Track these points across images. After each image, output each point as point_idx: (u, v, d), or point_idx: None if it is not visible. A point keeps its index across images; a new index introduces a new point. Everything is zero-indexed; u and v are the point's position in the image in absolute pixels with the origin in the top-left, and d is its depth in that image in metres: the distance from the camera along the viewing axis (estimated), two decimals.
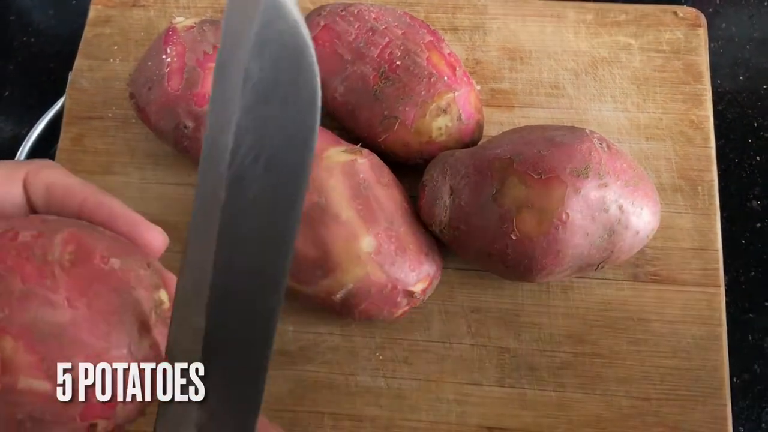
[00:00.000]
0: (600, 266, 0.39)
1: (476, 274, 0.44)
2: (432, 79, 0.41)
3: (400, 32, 0.42)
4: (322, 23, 0.44)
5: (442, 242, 0.41)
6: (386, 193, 0.40)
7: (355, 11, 0.44)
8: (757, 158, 0.52)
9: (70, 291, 0.25)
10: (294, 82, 0.20)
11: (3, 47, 0.58)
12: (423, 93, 0.41)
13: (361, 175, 0.39)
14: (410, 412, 0.41)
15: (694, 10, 0.50)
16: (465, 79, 0.42)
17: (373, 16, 0.43)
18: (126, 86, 0.44)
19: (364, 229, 0.38)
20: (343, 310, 0.39)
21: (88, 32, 0.52)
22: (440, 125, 0.41)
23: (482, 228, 0.38)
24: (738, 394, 0.45)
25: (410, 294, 0.39)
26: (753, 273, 0.49)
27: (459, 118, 0.41)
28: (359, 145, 0.42)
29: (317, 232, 0.38)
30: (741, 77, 0.54)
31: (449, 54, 0.43)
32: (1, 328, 0.23)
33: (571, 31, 0.50)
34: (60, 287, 0.24)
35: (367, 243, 0.38)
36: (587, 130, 0.38)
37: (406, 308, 0.40)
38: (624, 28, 0.50)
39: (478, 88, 0.44)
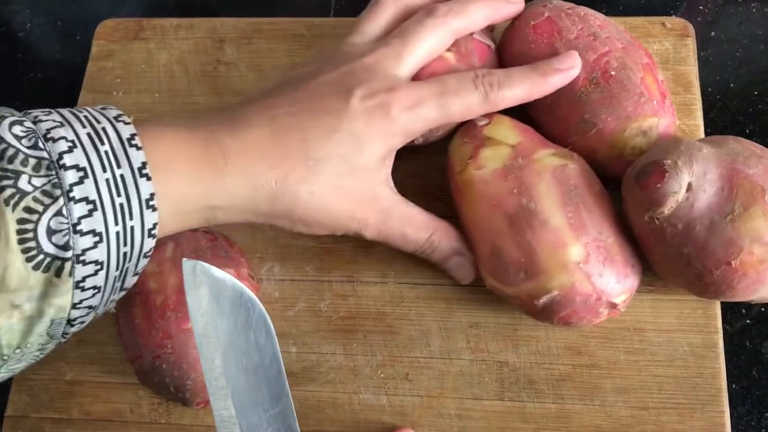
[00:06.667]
0: None
1: (473, 290, 0.45)
2: (642, 99, 0.41)
3: (620, 46, 0.42)
4: (546, 14, 0.43)
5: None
6: (596, 201, 0.39)
7: (582, 13, 0.44)
8: None
9: None
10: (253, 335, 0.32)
11: (12, 84, 0.60)
12: (629, 109, 0.41)
13: (572, 181, 0.39)
14: (412, 428, 0.42)
15: (682, 20, 0.51)
16: (671, 109, 0.42)
17: (598, 23, 0.43)
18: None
19: (574, 237, 0.37)
20: (542, 315, 0.39)
21: (91, 67, 0.54)
22: (635, 145, 0.41)
23: (701, 239, 0.36)
24: (737, 399, 0.46)
25: (613, 306, 0.38)
26: None
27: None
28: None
29: (524, 235, 0.37)
30: (732, 84, 0.55)
31: (662, 81, 0.43)
32: None
33: None
34: None
35: (576, 252, 0.37)
36: None
37: (604, 318, 0.39)
38: None
39: (678, 122, 0.44)
